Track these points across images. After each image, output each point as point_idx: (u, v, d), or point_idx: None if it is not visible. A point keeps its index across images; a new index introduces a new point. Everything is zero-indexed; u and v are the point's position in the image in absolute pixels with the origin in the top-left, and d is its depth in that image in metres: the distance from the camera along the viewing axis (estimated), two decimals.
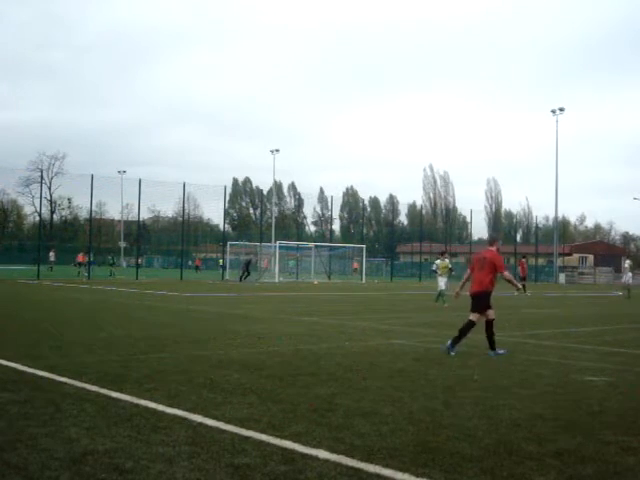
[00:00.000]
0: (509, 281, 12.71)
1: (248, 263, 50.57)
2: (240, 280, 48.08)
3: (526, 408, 7.40)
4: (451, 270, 28.20)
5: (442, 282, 26.85)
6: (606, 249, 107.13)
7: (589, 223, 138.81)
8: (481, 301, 12.04)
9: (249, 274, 49.75)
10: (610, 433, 6.35)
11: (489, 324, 11.96)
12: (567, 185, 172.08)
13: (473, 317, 12.02)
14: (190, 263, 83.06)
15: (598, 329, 17.94)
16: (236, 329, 15.14)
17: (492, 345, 11.95)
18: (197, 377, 8.79)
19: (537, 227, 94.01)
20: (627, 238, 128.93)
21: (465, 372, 9.85)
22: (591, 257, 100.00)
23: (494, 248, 12.49)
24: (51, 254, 59.23)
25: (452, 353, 11.72)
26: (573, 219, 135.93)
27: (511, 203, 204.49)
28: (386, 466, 5.16)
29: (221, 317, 18.74)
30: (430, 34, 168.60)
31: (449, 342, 11.90)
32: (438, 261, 28.03)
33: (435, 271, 28.17)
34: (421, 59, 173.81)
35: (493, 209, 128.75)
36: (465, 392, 8.27)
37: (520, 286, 12.16)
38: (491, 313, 12.02)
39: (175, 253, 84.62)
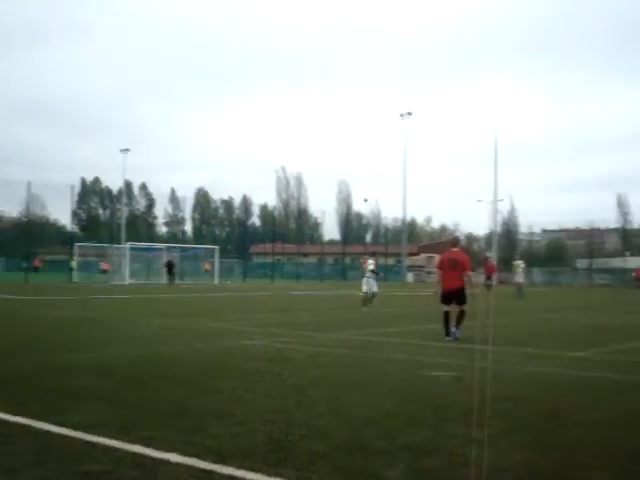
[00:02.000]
0: (469, 281, 14.42)
1: (169, 264, 50.46)
2: (171, 283, 47.56)
3: (376, 404, 7.57)
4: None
5: (374, 283, 24.83)
6: None
7: (435, 224, 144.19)
8: (462, 294, 14.14)
9: (173, 275, 49.43)
10: (454, 426, 6.59)
11: (462, 314, 14.18)
12: (415, 187, 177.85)
13: (465, 307, 14.20)
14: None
15: None
16: (85, 333, 14.69)
17: (449, 330, 14.07)
18: (43, 383, 8.46)
19: (386, 228, 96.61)
20: (471, 239, 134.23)
21: (317, 371, 9.96)
22: (438, 256, 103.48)
23: (458, 249, 14.48)
24: None
25: (458, 336, 13.94)
26: (420, 220, 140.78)
27: (362, 205, 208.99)
28: (239, 467, 5.14)
29: (70, 321, 18.12)
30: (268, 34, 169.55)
31: (453, 329, 14.01)
32: (372, 260, 25.64)
33: (375, 272, 25.49)
34: (265, 62, 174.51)
35: (344, 211, 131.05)
36: (317, 391, 8.36)
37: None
38: (465, 306, 14.22)
39: (20, 255, 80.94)
